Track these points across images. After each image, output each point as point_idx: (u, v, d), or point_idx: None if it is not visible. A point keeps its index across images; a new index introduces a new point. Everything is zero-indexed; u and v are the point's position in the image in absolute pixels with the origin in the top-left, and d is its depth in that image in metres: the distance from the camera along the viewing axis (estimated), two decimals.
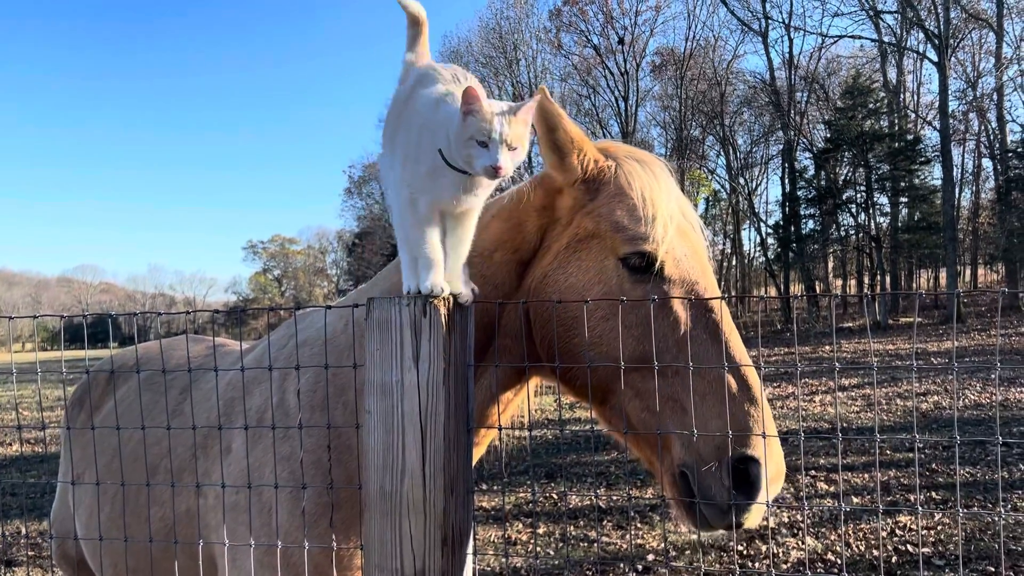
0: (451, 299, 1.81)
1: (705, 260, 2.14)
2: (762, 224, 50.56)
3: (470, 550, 1.88)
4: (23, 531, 8.87)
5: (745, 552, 7.32)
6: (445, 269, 1.83)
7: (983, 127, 45.18)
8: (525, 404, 2.43)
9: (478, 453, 2.37)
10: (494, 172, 1.62)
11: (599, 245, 2.06)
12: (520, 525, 8.48)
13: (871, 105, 40.77)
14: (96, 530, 2.87)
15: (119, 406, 3.25)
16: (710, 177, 56.73)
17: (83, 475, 3.19)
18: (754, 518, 1.89)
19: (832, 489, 9.05)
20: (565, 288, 2.06)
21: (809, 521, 8.02)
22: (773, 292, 51.38)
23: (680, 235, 2.09)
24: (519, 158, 1.68)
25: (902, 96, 46.26)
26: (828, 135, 42.51)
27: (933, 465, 9.77)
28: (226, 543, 2.29)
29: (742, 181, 53.08)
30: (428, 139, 1.76)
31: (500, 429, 2.23)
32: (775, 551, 7.26)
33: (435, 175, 1.75)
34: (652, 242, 2.00)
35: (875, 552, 6.94)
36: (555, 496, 9.36)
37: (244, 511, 2.30)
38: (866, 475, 9.74)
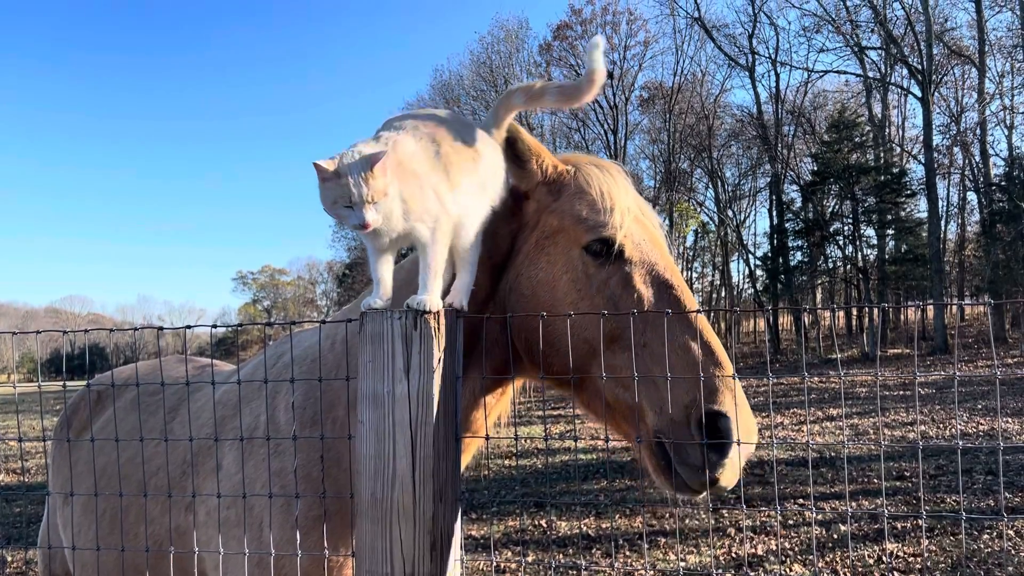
0: (440, 313, 1.89)
1: (663, 247, 2.28)
2: (750, 256, 50.84)
3: (457, 556, 1.93)
4: (8, 559, 8.80)
5: None
6: (426, 289, 1.92)
7: (967, 161, 45.72)
8: (514, 414, 2.51)
9: (465, 459, 2.44)
10: (362, 229, 1.80)
11: (564, 238, 2.21)
12: (509, 553, 8.46)
13: (857, 139, 41.25)
14: (83, 549, 2.89)
15: (107, 426, 3.27)
16: (698, 209, 57.15)
17: (68, 495, 3.20)
18: (729, 475, 1.96)
19: (820, 517, 9.08)
20: (536, 282, 2.21)
21: (797, 548, 8.04)
22: (762, 324, 51.54)
23: (638, 224, 2.25)
24: (389, 204, 1.82)
25: (887, 130, 46.85)
26: (815, 168, 42.91)
27: (919, 493, 9.82)
28: (221, 551, 2.33)
29: (730, 213, 53.50)
30: None
31: (487, 439, 2.28)
32: None
33: None
34: (611, 228, 2.15)
35: None
36: (544, 524, 9.35)
37: (236, 526, 2.34)
38: (854, 503, 9.78)
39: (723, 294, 60.10)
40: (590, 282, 2.14)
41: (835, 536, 8.29)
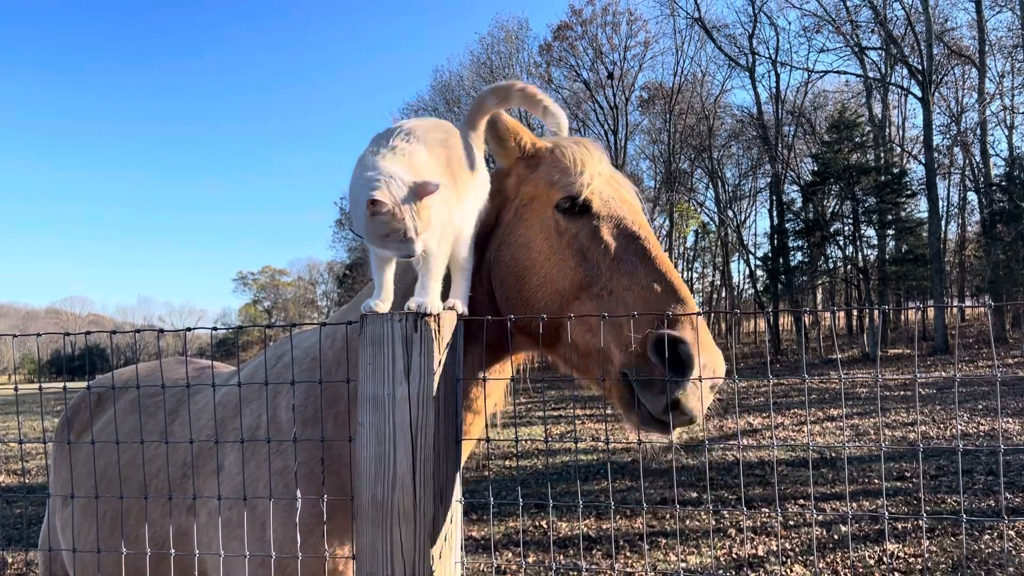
0: (441, 316, 1.90)
1: (633, 205, 2.39)
2: (751, 256, 50.82)
3: (458, 558, 1.94)
4: (9, 560, 8.80)
5: None
6: (426, 292, 1.95)
7: (967, 161, 45.70)
8: (514, 414, 2.52)
9: (466, 449, 2.45)
10: (409, 258, 1.86)
11: (539, 203, 2.34)
12: (509, 554, 8.46)
13: (857, 139, 41.24)
14: (84, 552, 2.89)
15: (107, 428, 3.27)
16: (699, 210, 57.17)
17: (69, 496, 3.21)
18: (692, 399, 1.98)
19: (821, 518, 9.08)
20: (516, 246, 2.32)
21: (798, 549, 8.04)
22: (763, 324, 51.53)
23: (609, 185, 2.38)
24: (427, 229, 1.85)
25: (887, 130, 46.83)
26: (815, 168, 42.91)
27: (920, 494, 9.82)
28: (221, 554, 2.33)
29: (731, 214, 53.49)
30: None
31: (488, 441, 2.28)
32: None
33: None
34: (579, 185, 2.28)
35: None
36: (544, 525, 9.35)
37: (238, 526, 2.34)
38: (854, 504, 9.78)
39: (723, 294, 60.13)
40: (561, 237, 2.25)
41: (836, 537, 8.29)
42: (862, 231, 41.42)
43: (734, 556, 7.98)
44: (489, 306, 2.36)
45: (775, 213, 44.87)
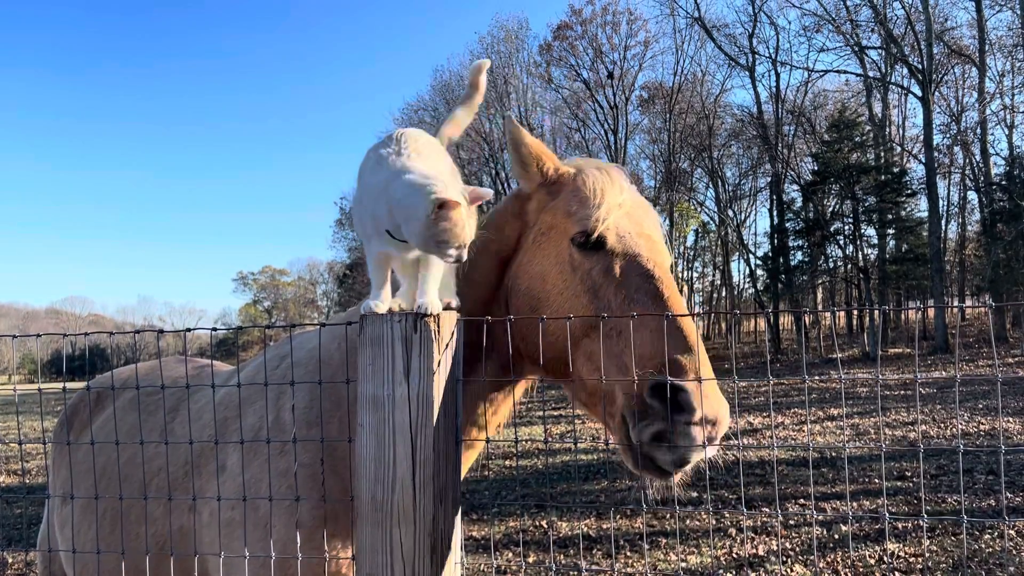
0: (440, 316, 1.89)
1: (655, 240, 2.33)
2: (751, 255, 50.81)
3: (458, 559, 1.93)
4: (9, 561, 8.80)
5: None
6: (425, 292, 1.95)
7: (967, 160, 45.67)
8: (514, 414, 2.53)
9: (468, 460, 2.46)
10: (457, 263, 1.89)
11: (556, 233, 2.31)
12: (510, 554, 8.46)
13: (857, 138, 41.23)
14: (83, 552, 2.88)
15: (106, 426, 3.26)
16: (699, 209, 57.17)
17: (68, 495, 3.20)
18: (689, 449, 1.94)
19: (821, 518, 9.08)
20: (532, 275, 2.31)
21: (798, 549, 8.04)
22: (763, 324, 51.51)
23: (628, 218, 2.31)
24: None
25: (887, 129, 46.81)
26: (815, 168, 42.90)
27: (920, 493, 9.82)
28: (221, 555, 2.33)
29: (731, 213, 53.51)
30: (370, 202, 1.92)
31: (488, 441, 2.29)
32: None
33: (379, 235, 1.91)
34: (594, 220, 2.23)
35: None
36: (544, 525, 9.35)
37: (240, 526, 2.34)
38: (855, 504, 9.78)
39: (723, 294, 60.13)
40: (575, 272, 2.22)
41: (836, 536, 8.29)
42: (862, 230, 41.43)
43: (734, 556, 7.98)
44: (503, 336, 2.33)
45: (775, 212, 44.88)
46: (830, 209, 43.61)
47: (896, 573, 7.15)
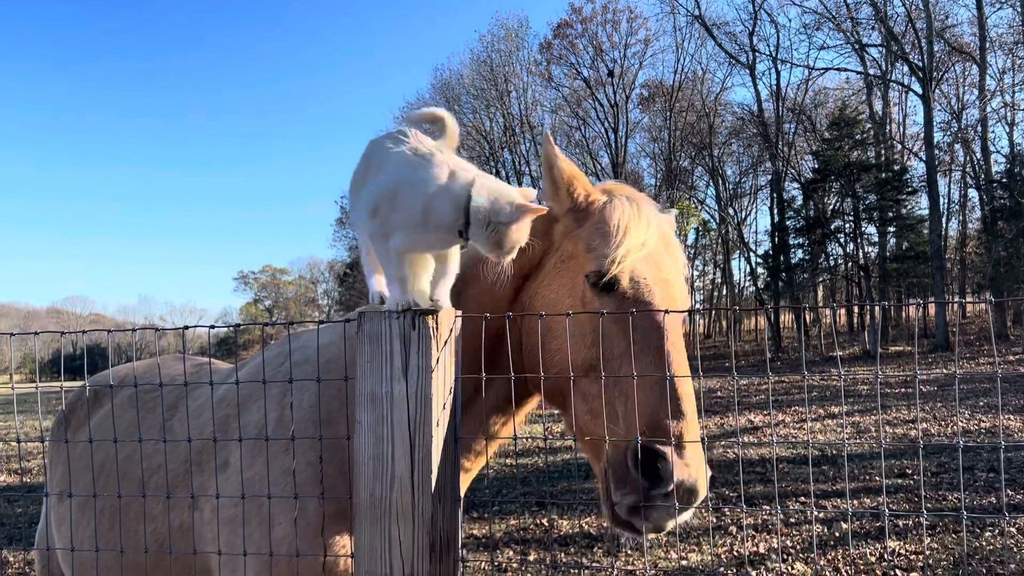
0: (439, 314, 1.89)
1: (671, 285, 2.28)
2: (751, 253, 50.79)
3: (457, 556, 1.93)
4: (10, 560, 8.80)
5: None
6: (436, 290, 1.98)
7: (968, 158, 45.66)
8: (515, 429, 2.55)
9: (468, 479, 2.46)
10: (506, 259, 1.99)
11: (575, 264, 2.28)
12: (511, 552, 8.46)
13: (857, 136, 41.22)
14: (82, 550, 2.88)
15: (105, 422, 3.25)
16: (699, 207, 57.08)
17: (66, 492, 3.19)
18: (664, 515, 1.96)
19: (821, 515, 9.08)
20: (547, 302, 2.29)
21: (799, 546, 8.03)
22: (763, 322, 51.52)
23: (648, 260, 2.26)
24: None
25: (888, 127, 46.79)
26: (816, 166, 42.90)
27: (921, 491, 9.81)
28: (220, 553, 2.32)
29: (731, 211, 53.49)
30: (415, 198, 1.91)
31: (488, 439, 2.28)
32: None
33: (425, 234, 1.92)
34: (611, 262, 2.17)
35: None
36: (545, 523, 9.35)
37: (242, 524, 2.33)
38: (855, 501, 9.77)
39: (724, 292, 60.07)
40: (584, 309, 2.19)
41: (836, 534, 8.29)
42: (863, 228, 41.42)
43: (735, 554, 7.98)
44: (516, 351, 2.34)
45: (776, 210, 44.88)
46: (831, 207, 43.60)
47: (897, 571, 7.14)
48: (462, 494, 2.10)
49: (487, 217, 1.85)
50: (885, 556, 7.53)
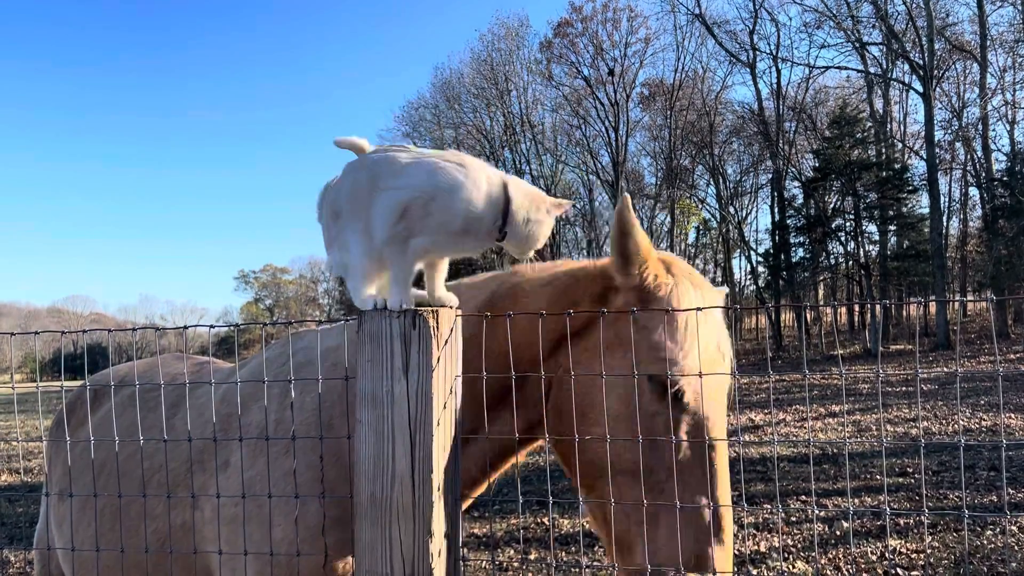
0: (439, 313, 1.89)
1: (722, 398, 2.22)
2: (752, 252, 50.80)
3: (458, 556, 1.93)
4: (11, 559, 8.81)
5: None
6: (435, 290, 2.01)
7: (969, 156, 45.65)
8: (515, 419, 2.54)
9: (464, 505, 2.47)
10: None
11: (632, 353, 2.13)
12: (511, 551, 8.46)
13: (858, 135, 41.22)
14: (82, 550, 2.87)
15: (104, 422, 3.25)
16: (700, 206, 57.14)
17: (66, 491, 3.19)
18: None
19: (822, 514, 9.07)
20: (592, 379, 2.16)
21: (800, 545, 8.03)
22: (764, 320, 51.50)
23: (708, 368, 2.15)
24: None
25: (889, 126, 46.78)
26: (816, 164, 42.91)
27: (922, 490, 9.81)
28: (220, 553, 2.32)
29: (732, 210, 53.47)
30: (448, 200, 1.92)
31: (488, 437, 2.27)
32: None
33: (462, 236, 1.95)
34: (678, 370, 2.09)
35: None
36: (546, 522, 9.35)
37: (243, 523, 2.32)
38: (856, 500, 9.77)
39: (725, 291, 60.00)
40: (639, 405, 2.09)
41: (837, 533, 8.28)
42: (863, 227, 41.42)
43: (736, 552, 7.98)
44: (536, 397, 2.28)
45: (776, 209, 44.90)
46: (831, 206, 43.61)
47: (898, 569, 7.14)
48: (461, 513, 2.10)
49: (526, 218, 1.94)
50: (886, 555, 7.53)
